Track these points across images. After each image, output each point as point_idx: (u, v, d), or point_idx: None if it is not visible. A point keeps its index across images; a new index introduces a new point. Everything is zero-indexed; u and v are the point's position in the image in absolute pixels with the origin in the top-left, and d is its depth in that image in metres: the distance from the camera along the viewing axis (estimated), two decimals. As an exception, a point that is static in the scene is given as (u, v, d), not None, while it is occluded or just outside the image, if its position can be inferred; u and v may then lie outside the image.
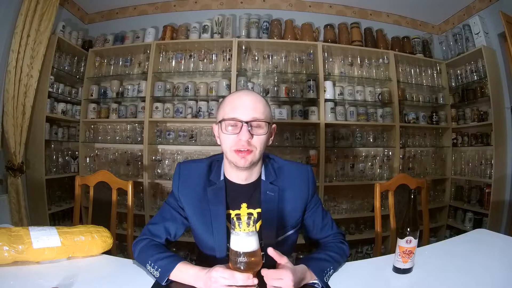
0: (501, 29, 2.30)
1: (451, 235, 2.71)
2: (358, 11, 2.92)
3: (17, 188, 2.17)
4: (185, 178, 1.02)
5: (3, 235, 0.92)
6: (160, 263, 0.87)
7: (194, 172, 1.02)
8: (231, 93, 0.97)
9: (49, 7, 2.28)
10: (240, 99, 0.92)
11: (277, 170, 1.02)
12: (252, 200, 0.98)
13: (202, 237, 1.01)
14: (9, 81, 2.08)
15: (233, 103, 0.91)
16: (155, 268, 0.87)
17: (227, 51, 2.58)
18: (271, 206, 0.97)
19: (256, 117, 0.90)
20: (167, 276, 0.85)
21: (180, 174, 1.03)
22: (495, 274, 0.96)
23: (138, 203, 2.58)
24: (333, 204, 2.64)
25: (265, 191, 0.98)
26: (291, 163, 1.07)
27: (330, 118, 2.59)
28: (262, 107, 0.92)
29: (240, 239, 0.75)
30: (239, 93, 0.95)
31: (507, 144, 2.48)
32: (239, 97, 0.93)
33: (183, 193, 1.01)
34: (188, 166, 1.05)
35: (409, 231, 0.92)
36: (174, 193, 1.03)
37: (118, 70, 2.75)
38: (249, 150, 0.89)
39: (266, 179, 0.99)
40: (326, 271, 0.88)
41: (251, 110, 0.90)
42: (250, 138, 0.89)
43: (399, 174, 1.70)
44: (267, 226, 0.97)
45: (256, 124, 0.90)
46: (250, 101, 0.91)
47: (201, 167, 1.02)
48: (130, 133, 2.72)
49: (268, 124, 0.92)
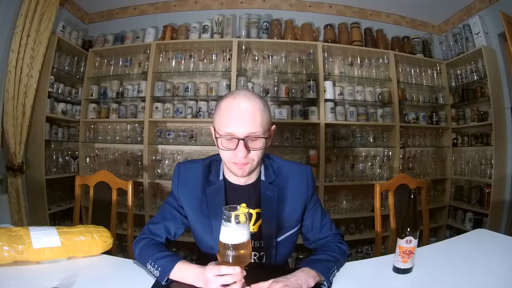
0: (501, 29, 2.30)
1: (451, 235, 2.72)
2: (358, 11, 2.92)
3: (17, 188, 2.17)
4: (184, 178, 1.02)
5: (3, 235, 0.92)
6: (160, 262, 0.87)
7: (193, 172, 1.02)
8: (228, 95, 0.91)
9: (49, 7, 2.28)
10: (238, 110, 0.86)
11: (276, 170, 1.02)
12: (252, 200, 0.98)
13: (201, 237, 1.01)
14: (9, 81, 2.07)
15: (229, 115, 0.86)
16: (155, 267, 0.87)
17: (227, 51, 2.58)
18: (271, 206, 0.97)
19: (253, 132, 0.86)
20: (167, 275, 0.85)
21: (179, 174, 1.03)
22: (495, 274, 0.95)
23: (138, 203, 2.58)
24: (333, 204, 2.64)
25: (265, 191, 0.98)
26: (291, 163, 1.06)
27: (330, 118, 2.59)
28: (260, 117, 0.87)
29: (230, 231, 0.75)
30: (236, 101, 0.87)
31: (507, 144, 2.48)
32: (237, 107, 0.86)
33: (182, 193, 1.01)
34: (187, 166, 1.04)
35: (409, 231, 0.92)
36: (174, 193, 1.03)
37: (118, 70, 2.75)
38: (246, 163, 0.89)
39: (266, 180, 0.99)
40: (332, 271, 0.88)
41: (248, 124, 0.85)
42: (247, 154, 0.87)
43: (399, 174, 1.70)
44: (267, 226, 0.97)
45: (254, 138, 0.87)
46: (247, 113, 0.85)
47: (200, 167, 1.02)
48: (130, 133, 2.72)
49: (265, 138, 0.89)
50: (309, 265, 0.87)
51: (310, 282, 0.83)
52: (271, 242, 0.98)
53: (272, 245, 0.98)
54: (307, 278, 0.83)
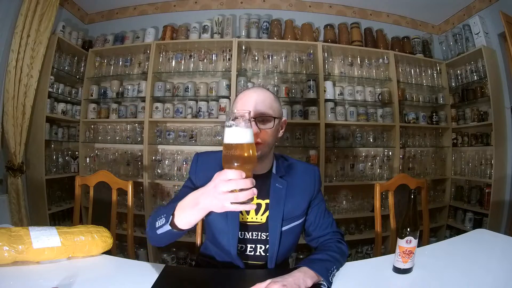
0: (501, 29, 2.30)
1: (451, 235, 2.72)
2: (358, 11, 2.92)
3: (17, 188, 2.17)
4: (202, 164, 1.08)
5: (3, 235, 0.92)
6: (163, 211, 0.84)
7: (211, 160, 1.07)
8: (242, 91, 1.03)
9: (49, 7, 2.28)
10: (249, 95, 0.98)
11: (287, 167, 1.09)
12: (262, 190, 1.01)
13: (215, 221, 1.04)
14: (9, 81, 2.08)
15: (243, 99, 0.98)
16: (161, 219, 0.82)
17: (227, 51, 2.58)
18: (279, 198, 1.03)
19: (263, 111, 0.96)
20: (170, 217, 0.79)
21: (198, 161, 1.09)
22: (495, 274, 0.95)
23: (138, 203, 2.58)
24: (333, 204, 2.64)
25: (275, 183, 1.04)
26: (301, 163, 1.15)
27: (330, 118, 2.60)
28: (270, 102, 0.98)
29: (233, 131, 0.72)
30: (249, 90, 1.01)
31: (507, 144, 2.48)
32: (249, 93, 0.99)
33: (199, 177, 1.05)
34: (205, 154, 1.12)
35: (409, 231, 0.92)
36: (191, 178, 1.08)
37: (118, 70, 2.75)
38: (257, 143, 0.92)
39: (277, 173, 1.06)
40: (331, 271, 0.89)
41: (259, 105, 0.96)
42: (258, 132, 0.94)
43: (399, 174, 1.70)
44: (273, 215, 1.02)
45: (263, 118, 0.96)
46: (258, 97, 0.97)
47: (218, 156, 1.06)
48: (130, 133, 2.72)
49: (275, 118, 0.98)
50: (307, 265, 0.88)
51: (308, 282, 0.83)
52: (276, 231, 1.01)
53: (276, 234, 1.01)
54: (305, 278, 0.83)
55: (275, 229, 1.01)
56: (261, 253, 1.03)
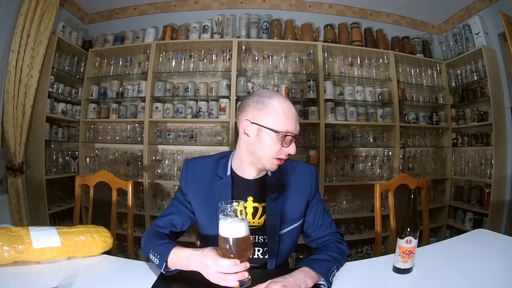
0: (501, 29, 2.30)
1: (451, 235, 2.72)
2: (358, 11, 2.92)
3: (17, 188, 2.17)
4: (192, 173, 1.05)
5: (3, 235, 0.92)
6: (158, 249, 0.89)
7: (201, 167, 1.05)
8: (272, 95, 0.95)
9: (49, 7, 2.28)
10: (293, 111, 0.94)
11: (282, 168, 1.04)
12: (258, 194, 1.01)
13: (207, 230, 1.04)
14: (9, 81, 2.08)
15: (288, 115, 0.92)
16: (155, 255, 0.89)
17: (227, 51, 2.58)
18: (276, 200, 1.01)
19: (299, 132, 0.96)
20: (165, 261, 0.86)
21: (187, 169, 1.06)
22: (495, 274, 0.95)
23: (138, 203, 2.58)
24: (333, 204, 2.64)
25: (270, 186, 1.01)
26: (297, 162, 1.11)
27: (330, 118, 2.60)
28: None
29: (229, 225, 0.75)
30: (288, 103, 0.94)
31: (507, 144, 2.48)
32: (292, 109, 0.94)
33: (190, 186, 1.04)
34: (195, 162, 1.09)
35: (409, 231, 0.92)
36: (182, 188, 1.06)
37: (118, 70, 2.75)
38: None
39: (272, 175, 1.03)
40: (331, 271, 0.88)
41: (297, 123, 0.95)
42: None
43: (399, 174, 1.70)
44: (271, 218, 1.00)
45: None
46: (296, 113, 0.96)
47: (209, 162, 1.06)
48: (130, 133, 2.72)
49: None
50: (308, 265, 0.87)
51: (309, 283, 0.83)
52: (274, 235, 1.00)
53: (275, 237, 1.00)
54: (306, 279, 0.83)
55: (273, 232, 0.99)
56: (259, 256, 1.02)
